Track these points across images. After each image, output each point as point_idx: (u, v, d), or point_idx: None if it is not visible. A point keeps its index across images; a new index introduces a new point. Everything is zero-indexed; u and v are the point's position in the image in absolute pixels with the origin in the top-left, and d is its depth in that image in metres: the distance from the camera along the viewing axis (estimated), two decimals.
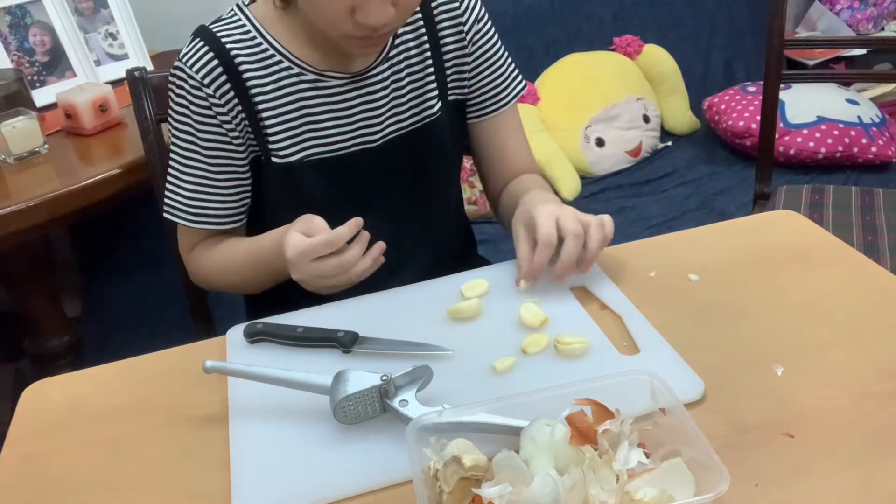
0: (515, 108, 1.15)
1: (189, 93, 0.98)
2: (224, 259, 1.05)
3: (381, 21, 0.88)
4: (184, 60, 0.97)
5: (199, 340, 0.94)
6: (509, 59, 1.13)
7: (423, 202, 1.10)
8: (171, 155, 1.03)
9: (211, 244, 1.07)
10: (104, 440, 0.80)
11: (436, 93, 1.07)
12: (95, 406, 0.85)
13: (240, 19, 1.00)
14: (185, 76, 0.97)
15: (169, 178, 1.04)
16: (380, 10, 0.87)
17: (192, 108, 0.98)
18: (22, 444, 0.81)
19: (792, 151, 2.16)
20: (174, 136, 1.02)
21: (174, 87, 0.99)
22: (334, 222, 0.88)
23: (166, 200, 1.05)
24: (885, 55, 2.76)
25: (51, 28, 1.77)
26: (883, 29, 2.82)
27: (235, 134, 1.00)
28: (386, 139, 1.05)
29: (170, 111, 1.01)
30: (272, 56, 0.99)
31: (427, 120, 1.07)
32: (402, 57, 1.04)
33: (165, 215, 1.05)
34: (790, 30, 2.84)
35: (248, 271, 1.03)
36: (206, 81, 0.96)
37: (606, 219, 0.91)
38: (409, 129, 1.06)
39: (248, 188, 1.05)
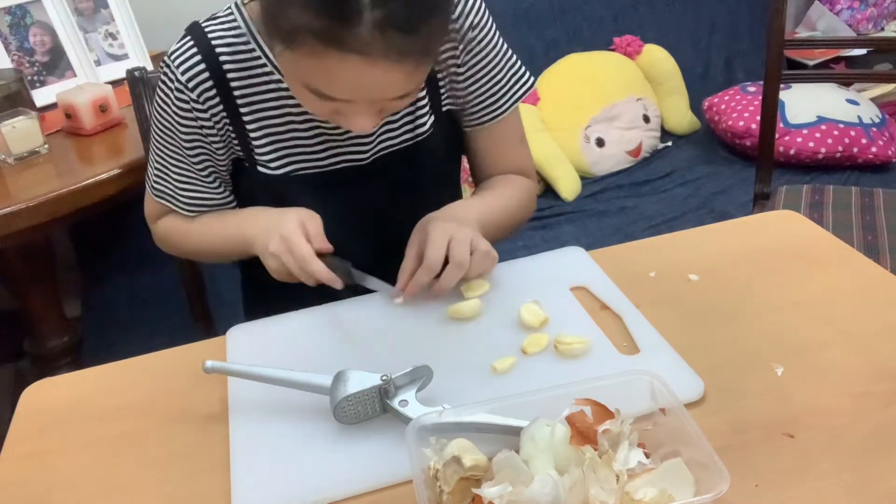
0: (516, 114, 1.09)
1: (173, 91, 0.97)
2: (199, 225, 1.06)
3: (366, 130, 0.87)
4: (172, 58, 0.96)
5: (199, 340, 0.94)
6: (510, 65, 1.06)
7: (415, 216, 1.01)
8: (154, 138, 1.03)
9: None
10: (104, 440, 0.80)
11: (426, 109, 1.03)
12: (95, 406, 0.85)
13: (235, 20, 0.97)
14: (171, 75, 0.97)
15: (155, 162, 1.04)
16: (365, 121, 0.86)
17: (175, 105, 0.98)
18: (22, 444, 0.81)
19: (792, 151, 2.16)
20: (157, 122, 1.01)
21: (162, 81, 0.99)
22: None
23: (155, 184, 1.05)
24: (885, 55, 2.75)
25: (51, 28, 1.77)
26: (883, 29, 2.81)
27: (215, 139, 0.99)
28: (375, 157, 1.03)
29: (156, 98, 1.00)
30: (263, 66, 0.96)
31: (419, 137, 1.03)
32: None
33: (156, 198, 1.06)
34: (790, 30, 2.84)
35: (213, 237, 1.05)
36: (189, 85, 0.95)
37: (494, 254, 0.94)
38: (400, 146, 1.03)
39: (229, 180, 1.06)
